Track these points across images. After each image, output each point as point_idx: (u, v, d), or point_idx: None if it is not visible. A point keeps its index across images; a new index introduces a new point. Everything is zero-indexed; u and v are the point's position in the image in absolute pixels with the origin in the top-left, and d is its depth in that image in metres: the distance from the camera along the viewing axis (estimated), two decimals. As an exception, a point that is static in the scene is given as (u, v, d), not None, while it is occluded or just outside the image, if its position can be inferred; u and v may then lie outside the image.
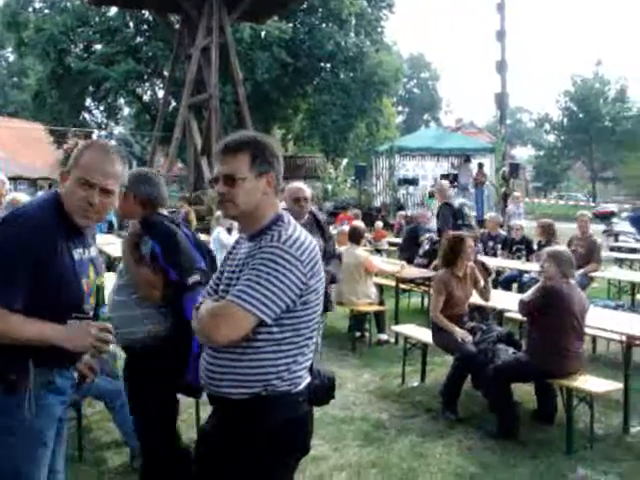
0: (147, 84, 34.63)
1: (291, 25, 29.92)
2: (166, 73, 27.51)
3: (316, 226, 5.26)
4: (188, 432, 4.58)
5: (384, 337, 8.13)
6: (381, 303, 8.47)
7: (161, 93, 30.47)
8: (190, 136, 21.50)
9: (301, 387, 2.36)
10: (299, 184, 5.28)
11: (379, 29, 33.18)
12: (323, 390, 2.51)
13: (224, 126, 22.37)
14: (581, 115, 38.15)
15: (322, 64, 31.64)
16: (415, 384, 6.50)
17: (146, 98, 35.81)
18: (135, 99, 34.93)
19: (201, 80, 20.58)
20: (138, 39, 31.56)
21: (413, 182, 23.01)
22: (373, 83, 31.38)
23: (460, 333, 5.66)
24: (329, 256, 5.31)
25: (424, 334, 6.38)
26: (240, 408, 2.29)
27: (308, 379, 2.40)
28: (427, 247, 10.12)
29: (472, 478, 4.50)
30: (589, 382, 4.94)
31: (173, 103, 28.58)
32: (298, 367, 2.34)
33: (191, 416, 5.09)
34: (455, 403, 5.64)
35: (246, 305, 2.19)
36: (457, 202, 10.87)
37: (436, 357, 6.77)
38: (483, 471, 4.60)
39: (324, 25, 31.03)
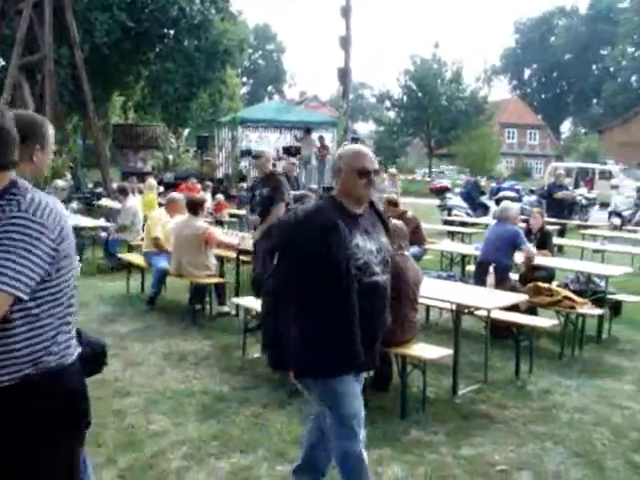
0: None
1: (133, -14, 28.64)
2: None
3: (379, 221, 3.42)
4: None
5: (225, 309, 8.08)
6: (222, 275, 8.39)
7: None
8: (22, 100, 20.12)
9: (74, 357, 2.26)
10: (362, 147, 3.42)
11: (225, -3, 32.54)
12: (94, 359, 2.49)
13: (60, 91, 21.12)
14: (420, 94, 39.68)
15: (165, 30, 30.59)
16: (256, 355, 6.51)
17: (-29, 56, 33.10)
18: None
19: (34, 39, 19.23)
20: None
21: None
22: (217, 53, 30.79)
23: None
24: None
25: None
26: (14, 393, 2.10)
27: (79, 349, 2.32)
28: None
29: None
30: (422, 349, 5.17)
31: (2, 62, 26.59)
32: (65, 337, 2.22)
33: None
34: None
35: None
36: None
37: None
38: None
39: (168, -11, 29.96)
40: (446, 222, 15.00)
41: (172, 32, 30.80)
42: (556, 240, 12.22)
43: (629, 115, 43.80)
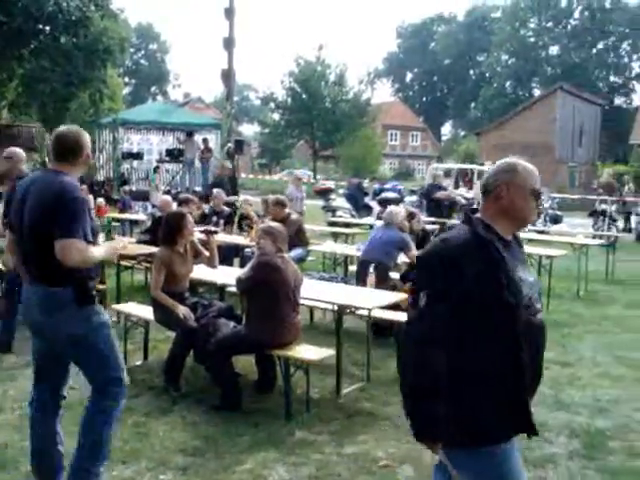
0: None
1: (3, -20, 27.28)
2: None
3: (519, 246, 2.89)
4: None
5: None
6: (102, 281, 8.12)
7: None
8: None
9: None
10: (530, 164, 2.88)
11: (105, -6, 31.53)
12: None
13: None
14: (304, 96, 39.95)
15: (41, 26, 29.33)
16: (138, 362, 6.37)
17: None
18: None
19: None
20: None
21: (137, 156, 22.36)
22: (97, 51, 29.77)
23: (181, 309, 5.63)
24: None
25: (145, 311, 6.25)
26: None
27: None
28: (149, 224, 9.91)
29: (195, 452, 4.53)
30: (305, 351, 5.21)
31: None
32: None
33: None
34: (178, 379, 5.62)
35: None
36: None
37: (159, 334, 6.69)
38: (206, 444, 4.65)
39: (43, -17, 28.74)
40: (330, 223, 15.17)
41: (48, 28, 29.57)
42: (436, 239, 12.62)
43: (504, 118, 45.81)
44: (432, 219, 13.41)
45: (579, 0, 67.94)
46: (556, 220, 18.03)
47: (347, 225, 14.60)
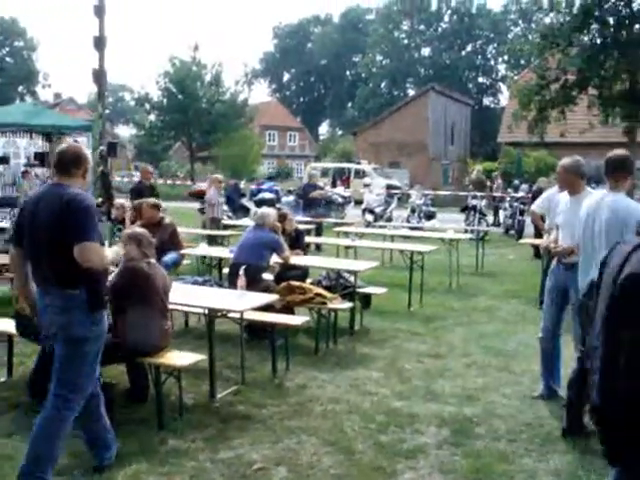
0: None
1: None
2: None
3: None
4: None
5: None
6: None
7: None
8: None
9: None
10: None
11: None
12: None
13: None
14: (180, 96, 39.29)
15: None
16: (2, 379, 6.03)
17: None
18: None
19: None
20: None
21: (3, 160, 21.22)
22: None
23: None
24: None
25: (8, 325, 5.91)
26: None
27: None
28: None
29: (64, 470, 4.28)
30: (176, 357, 5.11)
31: None
32: None
33: None
34: (45, 393, 5.35)
35: None
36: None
37: (27, 348, 6.34)
38: (74, 460, 4.46)
39: None
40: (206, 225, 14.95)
41: None
42: (313, 239, 12.76)
43: (379, 118, 46.85)
44: (308, 219, 13.52)
45: (448, 4, 70.58)
46: (430, 216, 18.63)
47: (225, 227, 14.46)
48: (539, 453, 4.72)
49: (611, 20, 17.53)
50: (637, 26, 17.40)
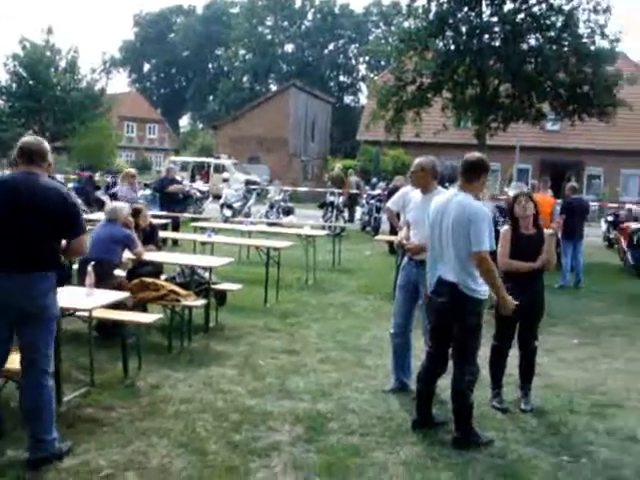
0: None
1: None
2: None
3: None
4: None
5: None
6: None
7: None
8: None
9: None
10: None
11: None
12: None
13: None
14: (31, 82, 37.24)
15: None
16: None
17: None
18: None
19: None
20: None
21: None
22: None
23: None
24: None
25: None
26: None
27: None
28: None
29: None
30: (11, 361, 4.77)
31: None
32: None
33: None
34: None
35: None
36: None
37: None
38: None
39: None
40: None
41: None
42: (170, 234, 12.47)
43: (240, 112, 46.62)
44: (165, 213, 13.20)
45: (312, 3, 71.43)
46: (288, 212, 18.76)
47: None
48: (390, 446, 4.83)
49: (464, 29, 18.32)
50: (486, 36, 18.28)
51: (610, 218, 18.49)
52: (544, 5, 17.87)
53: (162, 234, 10.42)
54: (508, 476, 4.48)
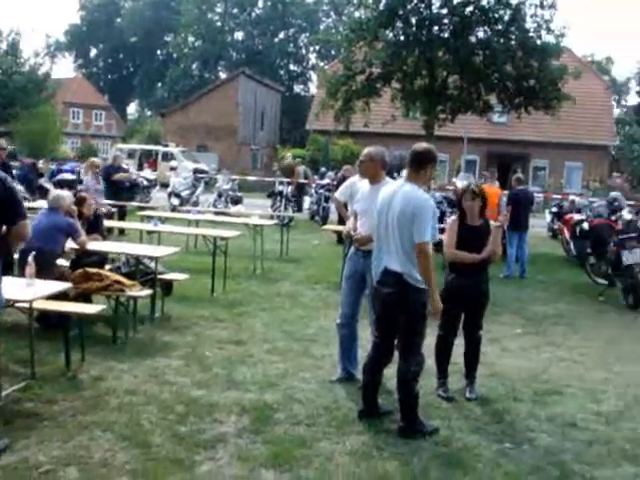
0: None
1: None
2: None
3: None
4: None
5: None
6: None
7: None
8: None
9: None
10: None
11: None
12: None
13: None
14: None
15: None
16: None
17: None
18: None
19: None
20: None
21: None
22: None
23: None
24: None
25: None
26: None
27: None
28: None
29: None
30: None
31: None
32: None
33: None
34: None
35: None
36: None
37: None
38: None
39: None
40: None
41: None
42: (116, 223, 12.25)
43: (189, 100, 46.13)
44: (111, 202, 12.95)
45: (262, -10, 70.95)
46: (237, 201, 18.62)
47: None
48: (336, 435, 4.84)
49: (413, 20, 18.41)
50: (435, 28, 18.41)
51: (554, 209, 18.86)
52: (492, -1, 18.07)
53: (108, 223, 10.22)
54: (452, 464, 4.53)
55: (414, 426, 4.92)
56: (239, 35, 73.20)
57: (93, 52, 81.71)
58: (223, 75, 64.81)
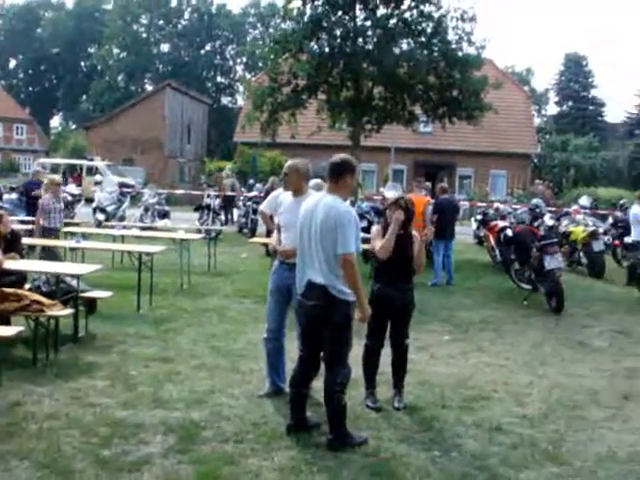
0: None
1: None
2: None
3: None
4: None
5: None
6: None
7: None
8: None
9: None
10: None
11: None
12: None
13: None
14: None
15: None
16: None
17: None
18: None
19: None
20: None
21: None
22: None
23: None
24: None
25: None
26: None
27: None
28: None
29: None
30: None
31: None
32: None
33: None
34: None
35: None
36: None
37: None
38: None
39: None
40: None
41: None
42: (38, 240, 11.84)
43: (114, 113, 45.33)
44: (32, 218, 12.51)
45: (189, 2, 70.40)
46: (164, 215, 18.35)
47: None
48: (265, 451, 4.78)
49: (338, 32, 18.52)
50: (360, 40, 18.57)
51: (479, 217, 19.23)
52: (415, 11, 18.31)
53: (27, 241, 9.87)
54: (382, 474, 4.53)
55: (343, 438, 4.90)
56: (165, 47, 72.55)
57: (12, 63, 79.41)
58: (149, 87, 63.97)
